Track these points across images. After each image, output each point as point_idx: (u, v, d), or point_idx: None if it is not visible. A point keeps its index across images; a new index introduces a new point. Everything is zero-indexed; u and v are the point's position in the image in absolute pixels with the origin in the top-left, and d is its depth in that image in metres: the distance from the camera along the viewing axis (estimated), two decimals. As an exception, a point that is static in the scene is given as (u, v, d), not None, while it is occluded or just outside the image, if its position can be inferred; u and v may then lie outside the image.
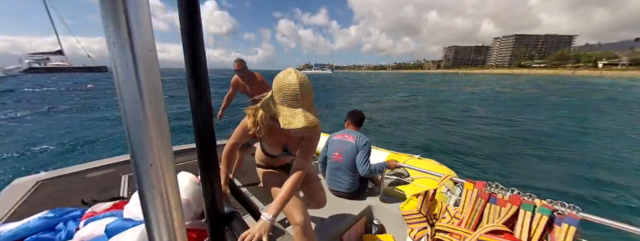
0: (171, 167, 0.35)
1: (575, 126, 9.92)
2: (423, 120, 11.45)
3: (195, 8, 0.64)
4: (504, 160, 6.26)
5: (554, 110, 13.95)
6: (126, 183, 2.20)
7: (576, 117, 11.66)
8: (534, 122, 10.64)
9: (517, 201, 1.27)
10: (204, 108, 0.70)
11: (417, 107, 15.48)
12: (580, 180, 5.10)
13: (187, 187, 1.23)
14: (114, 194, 1.91)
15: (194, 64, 0.69)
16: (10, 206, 1.73)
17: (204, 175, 0.75)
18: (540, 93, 25.07)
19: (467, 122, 10.92)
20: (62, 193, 2.00)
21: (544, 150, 6.93)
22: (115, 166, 2.59)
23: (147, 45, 0.28)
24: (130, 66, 0.28)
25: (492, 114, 12.74)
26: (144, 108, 0.29)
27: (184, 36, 0.67)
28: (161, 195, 0.34)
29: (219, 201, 0.81)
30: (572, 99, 19.30)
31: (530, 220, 1.22)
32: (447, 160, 5.63)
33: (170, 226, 0.36)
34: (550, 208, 1.18)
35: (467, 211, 1.42)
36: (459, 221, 1.45)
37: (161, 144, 0.32)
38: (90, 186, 2.14)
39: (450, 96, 22.27)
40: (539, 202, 1.23)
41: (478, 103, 17.13)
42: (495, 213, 1.34)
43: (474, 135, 8.45)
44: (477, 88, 32.91)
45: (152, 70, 0.29)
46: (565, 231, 1.12)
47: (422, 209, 1.53)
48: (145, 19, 0.28)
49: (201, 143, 0.72)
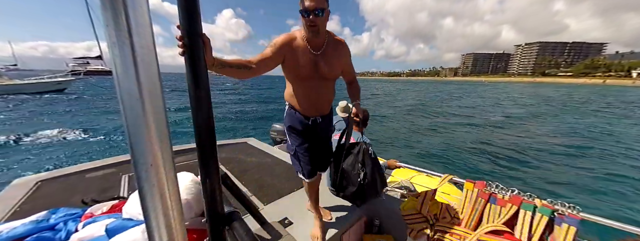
0: (171, 167, 0.35)
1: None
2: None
3: (195, 8, 0.64)
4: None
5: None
6: (126, 183, 2.20)
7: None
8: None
9: (517, 201, 1.27)
10: (204, 108, 0.70)
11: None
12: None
13: (187, 187, 1.23)
14: (114, 194, 1.90)
15: (194, 64, 0.69)
16: (10, 206, 1.73)
17: (204, 175, 0.75)
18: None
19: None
20: (62, 193, 1.99)
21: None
22: (115, 166, 2.59)
23: (147, 45, 0.28)
24: (130, 66, 0.28)
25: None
26: (144, 108, 0.29)
27: (185, 37, 0.67)
28: (161, 195, 0.34)
29: (219, 201, 0.81)
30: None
31: (530, 220, 1.22)
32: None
33: (170, 226, 0.35)
34: (551, 208, 1.18)
35: (467, 211, 1.42)
36: (459, 221, 1.45)
37: (161, 144, 0.32)
38: (90, 186, 2.14)
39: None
40: (539, 202, 1.23)
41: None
42: (496, 213, 1.33)
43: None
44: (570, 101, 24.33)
45: (152, 70, 0.29)
46: (565, 231, 1.12)
47: (422, 209, 1.53)
48: (145, 19, 0.28)
49: (201, 143, 0.72)
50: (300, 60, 1.30)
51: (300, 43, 1.30)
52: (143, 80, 0.29)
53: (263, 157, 3.02)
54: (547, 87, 66.24)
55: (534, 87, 66.84)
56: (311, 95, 1.42)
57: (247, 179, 2.38)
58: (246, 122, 12.24)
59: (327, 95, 1.47)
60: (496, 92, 37.35)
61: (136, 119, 0.30)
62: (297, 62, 1.31)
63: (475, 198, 1.40)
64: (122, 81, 0.28)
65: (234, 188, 1.15)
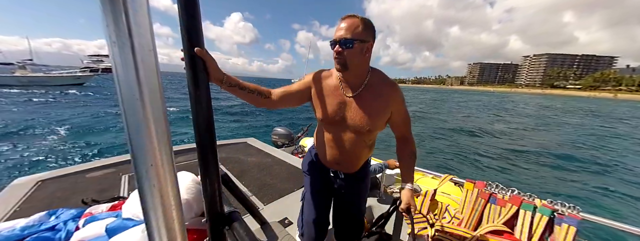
0: (171, 167, 0.35)
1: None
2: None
3: (195, 8, 0.64)
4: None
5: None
6: (126, 183, 2.20)
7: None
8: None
9: (517, 201, 1.27)
10: (204, 108, 0.70)
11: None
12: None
13: (187, 187, 1.23)
14: (114, 194, 1.90)
15: (194, 64, 0.69)
16: (10, 206, 1.73)
17: (204, 175, 0.75)
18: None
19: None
20: (62, 193, 1.99)
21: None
22: (115, 166, 2.59)
23: (147, 45, 0.29)
24: (130, 66, 0.28)
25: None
26: (144, 108, 0.29)
27: (185, 37, 0.67)
28: (161, 195, 0.34)
29: (219, 201, 0.81)
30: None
31: (530, 220, 1.22)
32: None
33: (170, 226, 0.35)
34: (551, 208, 1.18)
35: (467, 211, 1.42)
36: (459, 221, 1.44)
37: (161, 144, 0.32)
38: (90, 186, 2.14)
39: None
40: (539, 202, 1.23)
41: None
42: (496, 213, 1.34)
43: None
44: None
45: (152, 70, 0.29)
46: (565, 231, 1.12)
47: (422, 209, 1.53)
48: (145, 19, 0.28)
49: (201, 143, 0.72)
50: (326, 100, 1.09)
51: (333, 81, 1.10)
52: (143, 80, 0.29)
53: (263, 157, 3.02)
54: (577, 100, 62.42)
55: (565, 100, 63.38)
56: (334, 145, 1.16)
57: (247, 179, 2.38)
58: (246, 129, 12.16)
59: (356, 149, 1.15)
60: (525, 104, 34.91)
61: (136, 119, 0.30)
62: (322, 102, 1.09)
63: (475, 198, 1.40)
64: (122, 81, 0.28)
65: (234, 188, 1.15)
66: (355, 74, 1.04)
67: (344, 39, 0.94)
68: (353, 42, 0.94)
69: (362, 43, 0.96)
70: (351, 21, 0.95)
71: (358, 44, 0.96)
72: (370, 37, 0.98)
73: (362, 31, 0.95)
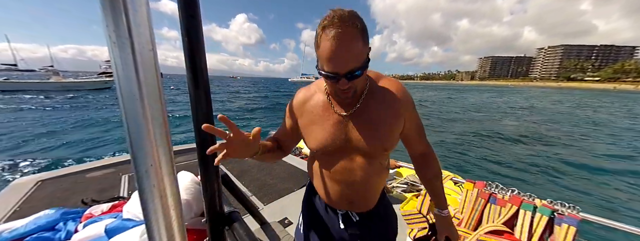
0: (171, 167, 0.35)
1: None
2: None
3: (195, 9, 0.64)
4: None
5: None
6: (126, 183, 2.20)
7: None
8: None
9: (517, 201, 1.27)
10: (204, 108, 0.70)
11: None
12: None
13: (187, 187, 1.23)
14: (114, 194, 1.91)
15: (194, 65, 0.69)
16: (10, 206, 1.73)
17: (204, 175, 0.75)
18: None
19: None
20: (62, 193, 1.99)
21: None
22: (115, 166, 2.59)
23: (147, 45, 0.28)
24: (130, 66, 0.28)
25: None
26: (144, 108, 0.29)
27: (185, 37, 0.67)
28: (161, 195, 0.34)
29: (219, 201, 0.81)
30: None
31: (530, 220, 1.22)
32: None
33: (170, 226, 0.35)
34: (551, 208, 1.18)
35: (467, 211, 1.42)
36: (459, 221, 1.45)
37: (161, 144, 0.32)
38: (90, 186, 2.14)
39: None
40: (539, 202, 1.23)
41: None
42: (496, 213, 1.34)
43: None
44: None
45: (152, 70, 0.29)
46: (565, 231, 1.12)
47: (422, 209, 1.53)
48: (145, 19, 0.28)
49: (201, 143, 0.72)
50: (318, 125, 0.83)
51: (319, 99, 0.84)
52: (143, 80, 0.29)
53: None
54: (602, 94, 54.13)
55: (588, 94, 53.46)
56: (340, 178, 0.87)
57: (247, 179, 2.38)
58: (246, 129, 12.21)
59: (371, 178, 0.86)
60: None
61: (136, 119, 0.30)
62: (313, 129, 0.84)
63: (475, 198, 1.40)
64: (122, 81, 0.28)
65: (234, 188, 1.15)
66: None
67: (350, 72, 0.66)
68: (361, 70, 0.68)
69: (368, 62, 0.70)
70: (349, 40, 0.62)
71: (365, 65, 0.69)
72: (367, 42, 0.69)
73: (363, 46, 0.66)
